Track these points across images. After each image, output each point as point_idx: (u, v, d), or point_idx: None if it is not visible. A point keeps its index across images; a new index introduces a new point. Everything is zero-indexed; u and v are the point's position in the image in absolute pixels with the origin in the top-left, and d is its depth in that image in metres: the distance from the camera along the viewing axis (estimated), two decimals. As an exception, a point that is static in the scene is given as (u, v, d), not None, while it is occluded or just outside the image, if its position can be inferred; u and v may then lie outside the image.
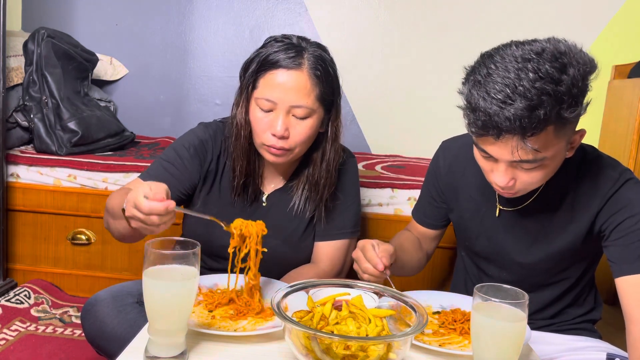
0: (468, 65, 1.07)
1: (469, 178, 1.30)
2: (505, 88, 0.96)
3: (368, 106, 2.82)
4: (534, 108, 0.95)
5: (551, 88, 0.95)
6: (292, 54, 1.24)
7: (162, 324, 0.88)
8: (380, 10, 2.77)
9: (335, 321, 0.93)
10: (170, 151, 1.36)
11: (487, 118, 0.97)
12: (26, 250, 2.14)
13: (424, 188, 1.43)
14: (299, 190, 1.39)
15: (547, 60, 0.96)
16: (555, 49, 0.98)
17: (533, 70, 0.95)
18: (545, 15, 2.65)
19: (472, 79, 1.02)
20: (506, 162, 1.04)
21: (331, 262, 1.42)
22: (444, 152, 1.38)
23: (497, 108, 0.96)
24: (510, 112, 0.95)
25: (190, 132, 1.39)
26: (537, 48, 0.99)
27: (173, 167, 1.33)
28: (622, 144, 2.34)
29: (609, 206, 1.15)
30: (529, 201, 1.21)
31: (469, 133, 1.05)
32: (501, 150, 1.02)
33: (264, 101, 1.25)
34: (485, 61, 1.02)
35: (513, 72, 0.96)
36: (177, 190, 1.33)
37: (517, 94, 0.95)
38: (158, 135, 2.83)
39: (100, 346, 1.25)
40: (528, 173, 1.06)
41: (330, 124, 1.34)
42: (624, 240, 1.13)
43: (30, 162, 2.12)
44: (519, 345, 0.86)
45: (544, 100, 0.95)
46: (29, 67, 2.25)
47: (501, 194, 1.13)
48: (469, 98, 1.02)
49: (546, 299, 1.30)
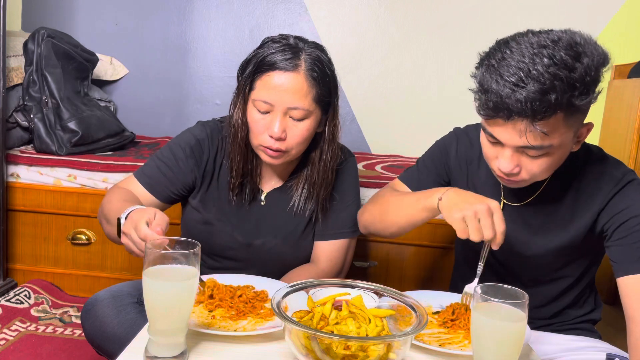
0: (482, 51, 1.08)
1: (475, 170, 1.31)
2: (519, 71, 0.97)
3: (368, 106, 2.82)
4: (545, 92, 0.96)
5: (564, 74, 0.96)
6: (288, 56, 1.24)
7: (162, 324, 0.88)
8: (380, 10, 2.77)
9: (335, 321, 0.93)
10: (166, 150, 1.36)
11: (498, 100, 0.99)
12: (26, 250, 2.14)
13: (426, 160, 1.39)
14: (299, 190, 1.39)
15: (563, 48, 0.98)
16: (571, 39, 1.00)
17: (548, 56, 0.97)
18: (545, 15, 2.66)
19: (486, 62, 1.04)
20: (513, 147, 1.05)
21: (331, 261, 1.42)
22: (460, 137, 1.36)
23: (509, 90, 0.98)
24: (522, 95, 0.96)
25: (187, 131, 1.39)
26: (553, 36, 1.00)
27: (167, 168, 1.34)
28: (622, 144, 2.34)
29: (611, 206, 1.16)
30: (533, 197, 1.21)
31: (479, 116, 1.06)
32: (509, 133, 1.02)
33: (261, 103, 1.25)
34: (501, 46, 1.03)
35: (528, 56, 0.98)
36: (169, 190, 1.35)
37: (530, 78, 0.96)
38: (158, 135, 2.83)
39: (100, 346, 1.25)
40: (533, 161, 1.06)
41: (327, 124, 1.34)
42: (626, 240, 1.13)
43: (30, 162, 2.12)
44: (519, 345, 0.86)
45: (556, 85, 0.96)
46: (29, 67, 2.25)
47: (505, 183, 1.14)
48: (481, 80, 1.03)
49: (545, 296, 1.30)
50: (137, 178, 1.35)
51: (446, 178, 1.38)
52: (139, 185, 1.34)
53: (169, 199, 1.36)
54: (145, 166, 1.37)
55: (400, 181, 1.43)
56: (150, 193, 1.34)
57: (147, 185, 1.34)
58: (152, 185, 1.34)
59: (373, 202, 1.39)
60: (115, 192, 1.30)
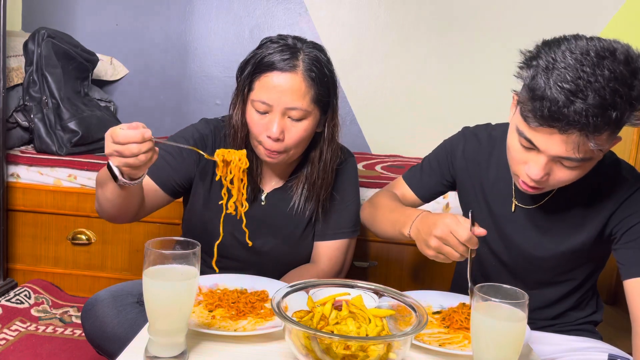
0: (526, 49, 1.02)
1: (485, 171, 1.30)
2: (578, 80, 0.92)
3: (368, 106, 2.82)
4: (607, 107, 0.92)
5: (624, 92, 0.93)
6: (287, 56, 1.24)
7: (162, 324, 0.88)
8: (380, 10, 2.77)
9: (335, 321, 0.93)
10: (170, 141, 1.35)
11: (555, 109, 0.93)
12: (26, 250, 2.14)
13: (431, 160, 1.40)
14: (299, 190, 1.39)
15: (622, 62, 0.94)
16: (627, 52, 0.96)
17: (609, 68, 0.93)
18: (545, 16, 2.65)
19: (534, 64, 0.98)
20: (550, 156, 1.01)
21: (331, 261, 1.42)
22: (468, 138, 1.34)
23: (565, 99, 0.92)
24: (582, 107, 0.92)
25: (191, 126, 1.39)
26: (610, 47, 0.96)
27: (170, 156, 1.33)
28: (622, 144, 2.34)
29: (622, 210, 1.15)
30: (546, 199, 1.20)
31: (524, 120, 1.00)
32: (556, 144, 0.98)
33: (259, 103, 1.25)
34: (553, 48, 0.97)
35: (588, 66, 0.93)
36: (173, 179, 1.33)
37: (590, 89, 0.92)
38: (158, 135, 2.81)
39: (100, 346, 1.25)
40: (565, 170, 1.03)
41: (327, 125, 1.34)
42: (635, 244, 1.13)
43: (30, 162, 2.12)
44: (519, 345, 0.86)
45: (617, 101, 0.92)
46: (29, 67, 2.25)
47: (525, 189, 1.10)
48: (532, 85, 0.97)
49: (549, 298, 1.29)
50: None
51: (450, 179, 1.38)
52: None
53: (171, 189, 1.34)
54: None
55: (403, 181, 1.43)
56: (153, 181, 1.31)
57: (151, 172, 1.31)
58: (156, 173, 1.31)
59: (370, 203, 1.40)
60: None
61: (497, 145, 1.28)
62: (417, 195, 1.42)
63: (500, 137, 1.26)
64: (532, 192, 1.10)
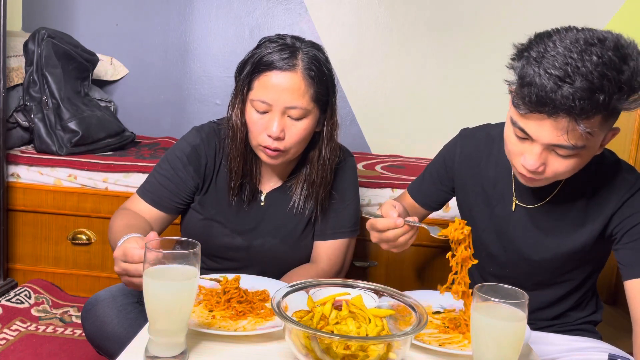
0: (519, 43, 1.04)
1: (484, 171, 1.30)
2: (566, 66, 0.94)
3: (368, 106, 2.82)
4: (594, 91, 0.93)
5: (612, 75, 0.94)
6: (286, 55, 1.24)
7: (162, 324, 0.88)
8: (380, 10, 2.77)
9: (335, 321, 0.93)
10: (164, 163, 1.37)
11: (542, 94, 0.95)
12: (26, 250, 2.14)
13: (430, 168, 1.41)
14: (298, 190, 1.39)
15: (610, 49, 0.96)
16: (617, 40, 0.98)
17: (596, 54, 0.94)
18: (545, 16, 2.65)
19: (526, 55, 1.00)
20: (543, 144, 1.01)
21: (330, 261, 1.42)
22: (464, 140, 1.35)
23: (553, 85, 0.94)
24: (569, 91, 0.93)
25: (182, 140, 1.39)
26: (599, 35, 0.98)
27: (167, 180, 1.35)
28: (622, 144, 2.34)
29: (623, 210, 1.15)
30: (547, 199, 1.20)
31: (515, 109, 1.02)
32: (547, 130, 0.99)
33: (259, 103, 1.25)
34: (544, 40, 0.99)
35: (576, 52, 0.95)
36: (173, 202, 1.36)
37: (577, 74, 0.93)
38: (158, 135, 2.83)
39: (100, 346, 1.25)
40: (561, 160, 1.03)
41: (325, 124, 1.34)
42: (636, 244, 1.13)
43: (30, 162, 2.12)
44: (519, 345, 0.86)
45: (604, 85, 0.94)
46: (29, 67, 2.25)
47: (524, 181, 1.11)
48: (522, 73, 0.99)
49: (548, 298, 1.29)
50: (141, 195, 1.36)
51: (450, 186, 1.38)
52: (143, 203, 1.35)
53: (175, 209, 1.38)
54: (146, 183, 1.38)
55: (407, 193, 1.45)
56: (155, 208, 1.35)
57: (151, 201, 1.35)
58: (156, 200, 1.35)
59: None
60: (118, 217, 1.29)
61: (496, 144, 1.28)
62: (421, 205, 1.43)
63: (499, 136, 1.26)
64: (531, 184, 1.11)
